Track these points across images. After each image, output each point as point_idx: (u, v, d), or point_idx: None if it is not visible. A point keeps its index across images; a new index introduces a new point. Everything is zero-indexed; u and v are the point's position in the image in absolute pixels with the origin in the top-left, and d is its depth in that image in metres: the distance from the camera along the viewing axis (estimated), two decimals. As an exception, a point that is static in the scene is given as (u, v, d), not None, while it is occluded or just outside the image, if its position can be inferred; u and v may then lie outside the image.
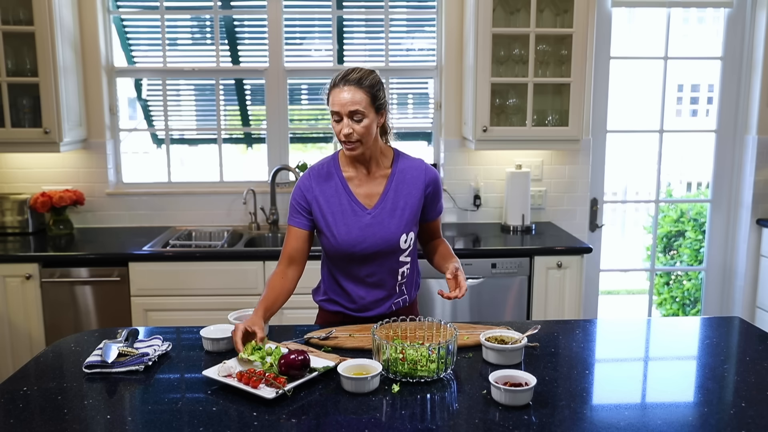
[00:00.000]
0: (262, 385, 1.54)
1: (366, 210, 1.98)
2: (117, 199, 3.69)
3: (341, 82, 1.88)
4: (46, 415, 1.48)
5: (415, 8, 3.79)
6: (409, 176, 2.01)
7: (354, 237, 1.96)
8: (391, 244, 1.98)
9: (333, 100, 1.88)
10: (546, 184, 3.74)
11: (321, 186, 1.99)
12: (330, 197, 1.98)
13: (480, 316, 3.21)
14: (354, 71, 1.90)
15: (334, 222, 1.97)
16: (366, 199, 1.99)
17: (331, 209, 1.98)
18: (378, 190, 2.00)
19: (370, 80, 1.91)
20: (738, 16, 3.73)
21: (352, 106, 1.86)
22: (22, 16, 3.23)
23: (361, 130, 1.88)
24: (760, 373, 1.71)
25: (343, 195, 1.98)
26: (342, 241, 1.97)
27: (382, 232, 1.97)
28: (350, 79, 1.88)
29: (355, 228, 1.97)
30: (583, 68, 3.32)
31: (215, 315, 2.99)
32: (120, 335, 1.87)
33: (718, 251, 3.99)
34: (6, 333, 3.12)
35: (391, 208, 1.98)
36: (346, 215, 1.97)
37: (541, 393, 1.56)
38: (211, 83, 3.78)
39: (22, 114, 3.35)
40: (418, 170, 2.02)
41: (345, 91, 1.86)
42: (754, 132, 3.72)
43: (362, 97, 1.87)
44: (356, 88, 1.87)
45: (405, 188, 2.00)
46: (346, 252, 1.98)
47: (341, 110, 1.87)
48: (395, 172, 2.01)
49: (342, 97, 1.86)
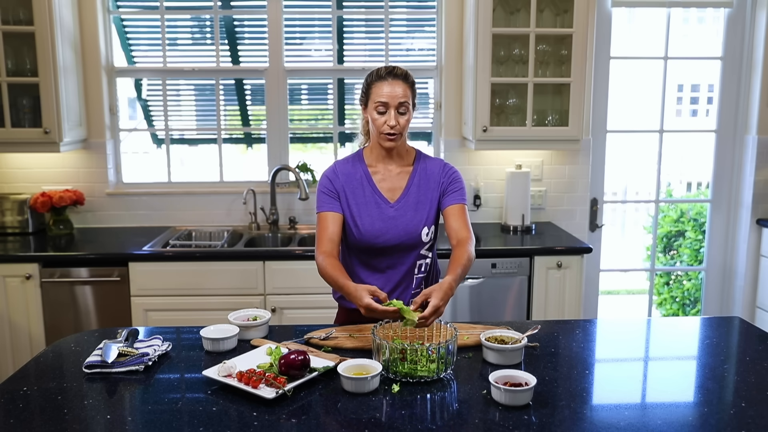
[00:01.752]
0: (262, 385, 1.54)
1: (389, 203, 2.05)
2: (117, 199, 3.69)
3: (389, 75, 1.98)
4: (46, 415, 1.48)
5: (415, 8, 3.79)
6: (431, 173, 2.10)
7: (378, 228, 2.03)
8: (413, 237, 2.04)
9: (380, 92, 1.96)
10: (546, 184, 3.74)
11: (347, 177, 2.07)
12: (355, 188, 2.06)
13: (480, 316, 3.21)
14: (397, 67, 2.00)
15: (359, 213, 2.04)
16: (389, 192, 2.07)
17: (356, 200, 2.05)
18: (401, 184, 2.07)
19: (412, 78, 2.03)
20: (738, 16, 3.73)
21: (402, 98, 1.96)
22: (22, 16, 3.23)
23: (404, 123, 1.99)
24: (760, 373, 1.71)
25: (368, 187, 2.06)
26: (365, 232, 2.03)
27: (404, 224, 2.03)
28: (398, 73, 1.98)
29: (379, 220, 2.03)
30: (583, 68, 3.32)
31: (215, 315, 2.99)
32: (120, 335, 1.88)
33: (718, 251, 3.99)
34: (6, 333, 3.12)
35: (413, 202, 2.06)
36: (370, 207, 2.04)
37: (541, 393, 1.56)
38: (211, 83, 3.78)
39: (22, 114, 3.35)
40: (438, 167, 2.12)
41: (396, 85, 1.97)
42: (754, 132, 3.72)
43: (408, 92, 1.99)
44: (404, 83, 1.98)
45: (426, 184, 2.08)
46: (368, 243, 2.04)
47: (391, 101, 1.96)
48: (417, 168, 2.10)
49: (394, 89, 1.96)
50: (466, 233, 2.03)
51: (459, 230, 2.03)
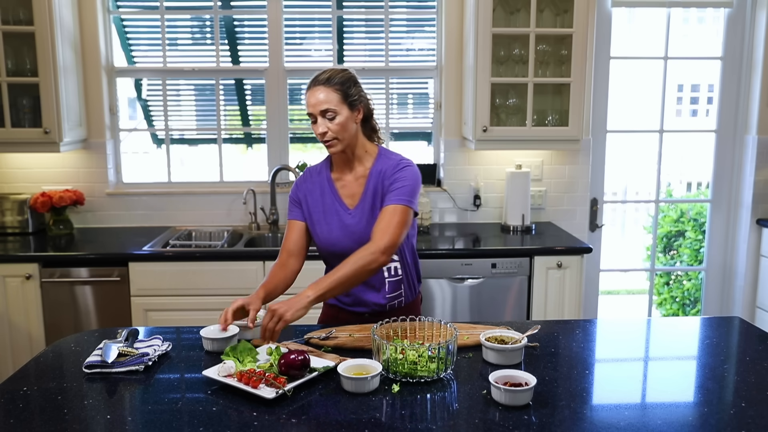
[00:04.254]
0: (262, 385, 1.54)
1: (348, 210, 2.03)
2: (117, 199, 3.69)
3: (312, 83, 1.96)
4: (46, 415, 1.48)
5: (415, 8, 3.79)
6: (383, 174, 2.00)
7: (334, 237, 2.02)
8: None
9: (307, 102, 1.96)
10: (546, 184, 3.74)
11: (310, 185, 2.07)
12: (316, 197, 2.05)
13: (480, 316, 3.21)
14: (323, 72, 1.96)
15: (318, 221, 2.05)
16: (349, 199, 2.04)
17: (316, 209, 2.05)
18: (359, 190, 2.03)
19: (339, 78, 1.94)
20: (738, 16, 3.73)
21: (322, 105, 1.91)
22: (22, 16, 3.23)
23: (335, 128, 1.92)
24: (760, 373, 1.71)
25: (329, 195, 2.04)
26: (323, 240, 2.04)
27: (360, 231, 2.00)
28: (319, 79, 1.94)
29: (336, 228, 2.02)
30: (583, 68, 3.32)
31: (215, 315, 2.96)
32: (120, 335, 1.88)
33: (718, 251, 3.99)
34: (6, 333, 3.12)
35: (369, 207, 2.01)
36: (329, 215, 2.03)
37: (541, 393, 1.56)
38: (211, 83, 3.77)
39: (22, 114, 3.35)
40: (391, 166, 2.00)
41: (316, 92, 1.93)
42: (754, 132, 3.72)
43: (332, 96, 1.92)
44: (325, 87, 1.92)
45: (380, 187, 2.00)
46: (328, 251, 2.05)
47: (313, 110, 1.94)
48: (373, 171, 2.02)
49: (314, 97, 1.93)
50: (378, 237, 1.89)
51: (374, 232, 1.92)
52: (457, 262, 3.16)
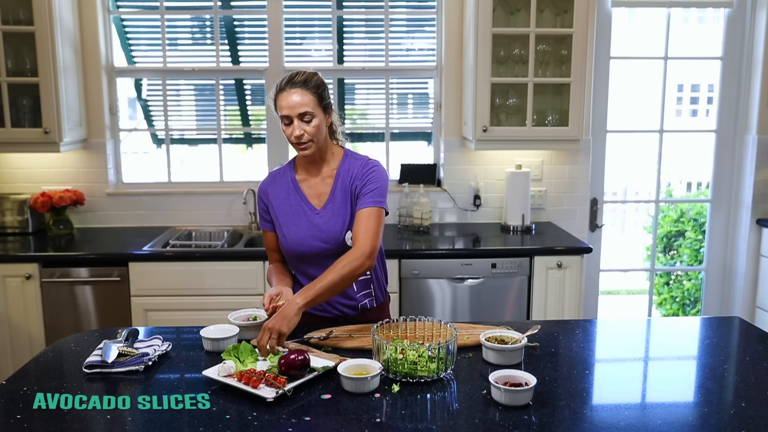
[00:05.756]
0: (262, 385, 1.54)
1: (315, 210, 2.03)
2: (117, 199, 3.69)
3: (287, 85, 1.95)
4: (46, 415, 1.48)
5: (415, 8, 3.79)
6: (351, 174, 2.02)
7: (302, 236, 2.01)
8: (337, 243, 2.00)
9: (281, 104, 1.95)
10: (546, 184, 3.74)
11: (274, 189, 2.08)
12: (282, 199, 2.05)
13: (480, 316, 3.21)
14: (299, 74, 1.96)
15: (285, 222, 2.04)
16: (315, 199, 2.04)
17: (282, 210, 2.05)
18: (326, 190, 2.04)
19: (315, 81, 1.96)
20: (738, 16, 3.73)
21: (301, 108, 1.92)
22: (22, 16, 3.23)
23: (312, 131, 1.93)
24: (760, 373, 1.71)
25: (294, 196, 2.05)
26: (291, 240, 2.03)
27: (327, 231, 2.00)
28: (296, 81, 1.94)
29: (304, 228, 2.02)
30: (583, 68, 3.32)
31: (215, 315, 2.98)
32: (120, 335, 1.87)
33: (718, 251, 3.99)
34: (6, 333, 3.12)
35: (337, 207, 2.01)
36: (296, 216, 2.03)
37: (541, 393, 1.56)
38: (211, 83, 3.77)
39: (22, 114, 3.35)
40: (358, 167, 2.02)
41: (293, 94, 1.93)
42: (754, 132, 3.72)
43: (310, 99, 1.93)
44: (303, 90, 1.93)
45: (347, 186, 2.02)
46: (296, 252, 2.03)
47: (291, 113, 1.93)
48: (340, 171, 2.03)
49: (291, 99, 1.93)
50: (361, 242, 1.90)
51: (356, 237, 1.93)
52: (457, 262, 3.16)
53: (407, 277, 3.14)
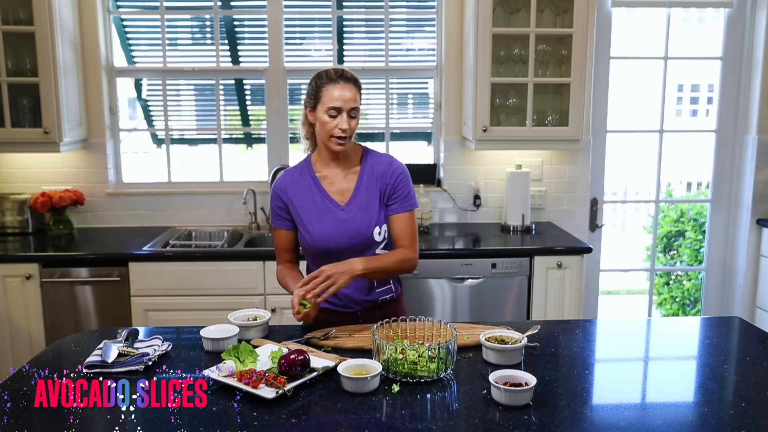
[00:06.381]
0: (262, 385, 1.54)
1: (339, 206, 2.04)
2: (117, 199, 3.69)
3: (341, 79, 1.96)
4: (46, 415, 1.48)
5: (415, 8, 3.79)
6: (378, 171, 2.06)
7: (329, 232, 2.02)
8: (365, 238, 2.03)
9: (333, 95, 1.94)
10: (546, 184, 3.74)
11: (295, 187, 2.07)
12: (304, 197, 2.05)
13: (480, 316, 3.21)
14: (345, 71, 1.99)
15: (309, 219, 2.04)
16: (338, 195, 2.05)
17: (306, 208, 2.05)
18: (350, 186, 2.06)
19: (360, 82, 2.02)
20: (738, 16, 3.73)
21: (353, 103, 1.96)
22: (22, 16, 3.23)
23: (354, 126, 1.99)
24: (760, 373, 1.71)
25: (317, 193, 2.05)
26: (317, 237, 2.03)
27: (356, 226, 2.02)
28: (348, 77, 1.98)
29: (330, 224, 2.03)
30: (583, 68, 3.32)
31: (215, 315, 2.99)
32: (120, 335, 1.87)
33: (718, 251, 3.99)
34: (6, 333, 3.12)
35: (364, 203, 2.04)
36: (320, 212, 2.04)
37: (541, 393, 1.56)
38: (211, 83, 3.77)
39: (22, 114, 3.35)
40: (385, 165, 2.07)
41: (347, 89, 1.95)
42: (754, 132, 3.72)
43: (358, 96, 1.99)
44: (354, 87, 1.97)
45: (374, 183, 2.05)
46: (322, 248, 2.03)
47: (344, 106, 1.94)
48: (365, 168, 2.07)
49: (345, 93, 1.95)
50: (408, 244, 2.05)
51: (402, 240, 2.05)
52: (457, 262, 3.16)
53: (407, 277, 3.14)
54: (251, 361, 1.66)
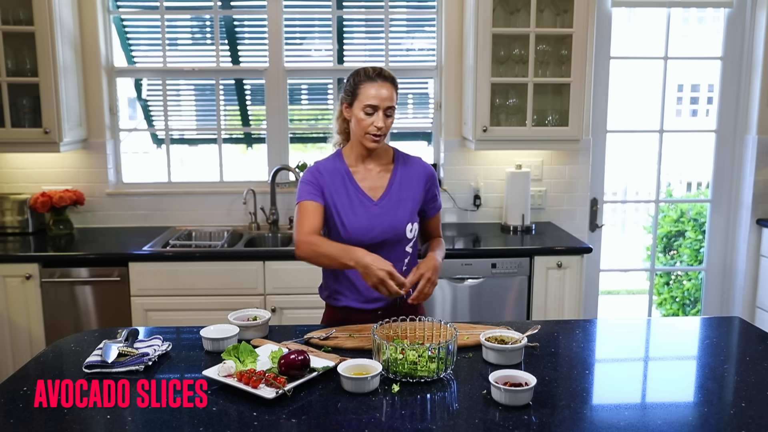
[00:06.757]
0: (262, 385, 1.54)
1: (373, 201, 2.07)
2: (117, 199, 3.69)
3: (379, 78, 1.99)
4: (46, 415, 1.48)
5: (415, 8, 3.79)
6: (412, 171, 2.12)
7: (364, 226, 2.04)
8: (398, 233, 2.06)
9: (371, 93, 1.97)
10: (546, 184, 3.74)
11: (330, 176, 2.08)
12: (338, 188, 2.07)
13: (480, 316, 3.21)
14: (384, 69, 2.03)
15: (344, 212, 2.05)
16: (371, 191, 2.08)
17: (340, 200, 2.06)
18: (382, 183, 2.09)
19: (397, 81, 2.05)
20: (738, 16, 3.73)
21: (390, 102, 1.99)
22: (22, 16, 3.23)
23: (390, 125, 2.02)
24: (760, 373, 1.71)
25: (350, 187, 2.07)
26: (352, 230, 2.04)
27: (390, 220, 2.05)
28: (386, 76, 2.01)
29: (364, 218, 2.05)
30: (583, 68, 3.32)
31: (215, 315, 2.99)
32: (120, 335, 1.87)
33: (718, 251, 3.99)
34: (6, 333, 3.12)
35: (396, 199, 2.08)
36: (354, 206, 2.06)
37: (541, 393, 1.56)
38: (211, 83, 3.77)
39: (22, 114, 3.35)
40: (419, 166, 2.14)
41: (384, 87, 1.99)
42: (754, 132, 3.72)
43: (394, 95, 2.02)
44: (392, 86, 2.01)
45: (408, 181, 2.10)
46: (355, 241, 2.03)
47: (380, 104, 1.98)
48: (398, 166, 2.12)
49: (383, 92, 1.98)
50: (439, 233, 2.26)
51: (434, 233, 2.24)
52: (457, 262, 3.16)
53: (407, 277, 3.14)
54: (251, 361, 1.66)
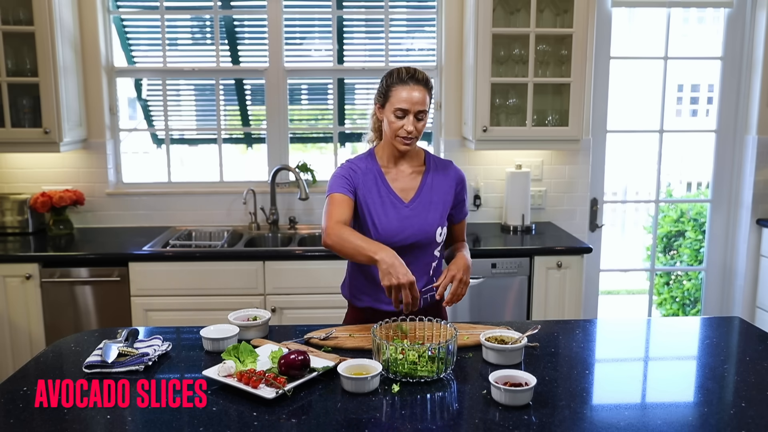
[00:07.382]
0: (262, 385, 1.54)
1: (404, 203, 2.04)
2: (117, 199, 3.69)
3: (411, 80, 1.95)
4: (46, 415, 1.48)
5: (415, 8, 3.79)
6: (443, 174, 2.09)
7: (395, 227, 2.02)
8: (428, 236, 2.04)
9: (401, 97, 1.94)
10: (546, 184, 3.74)
11: (363, 176, 2.06)
12: (370, 188, 2.05)
13: (480, 316, 3.21)
14: (417, 71, 1.98)
15: (376, 212, 2.03)
16: (402, 192, 2.06)
17: (372, 199, 2.04)
18: (413, 185, 2.07)
19: (431, 83, 2.01)
20: (738, 16, 3.73)
21: (422, 106, 1.95)
22: (22, 16, 3.23)
23: (421, 128, 1.98)
24: (760, 373, 1.71)
25: (382, 188, 2.05)
26: (383, 230, 2.02)
27: (420, 223, 2.03)
28: (419, 79, 1.96)
29: (395, 219, 2.03)
30: (583, 68, 3.32)
31: (215, 315, 2.99)
32: (120, 335, 1.88)
33: (718, 251, 3.99)
34: (6, 333, 3.12)
35: (427, 202, 2.06)
36: (386, 206, 2.04)
37: (541, 393, 1.56)
38: (211, 83, 3.77)
39: (22, 114, 3.35)
40: (450, 169, 2.12)
41: (416, 90, 1.95)
42: (754, 132, 3.72)
43: (427, 99, 1.97)
44: (424, 89, 1.96)
45: (439, 184, 2.07)
46: (385, 242, 1.98)
47: (411, 108, 1.94)
48: (430, 168, 2.09)
49: (414, 95, 1.94)
50: (464, 237, 2.23)
51: (460, 237, 2.21)
52: (457, 262, 3.16)
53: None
54: (251, 361, 1.66)
